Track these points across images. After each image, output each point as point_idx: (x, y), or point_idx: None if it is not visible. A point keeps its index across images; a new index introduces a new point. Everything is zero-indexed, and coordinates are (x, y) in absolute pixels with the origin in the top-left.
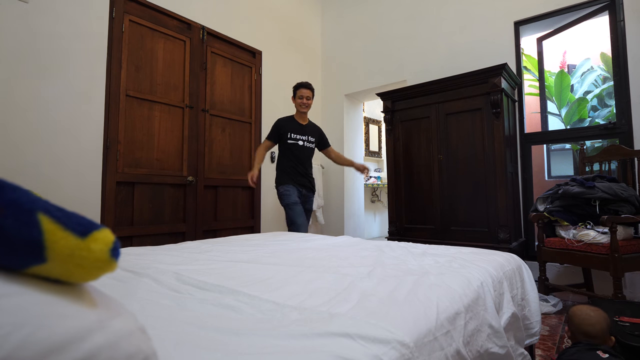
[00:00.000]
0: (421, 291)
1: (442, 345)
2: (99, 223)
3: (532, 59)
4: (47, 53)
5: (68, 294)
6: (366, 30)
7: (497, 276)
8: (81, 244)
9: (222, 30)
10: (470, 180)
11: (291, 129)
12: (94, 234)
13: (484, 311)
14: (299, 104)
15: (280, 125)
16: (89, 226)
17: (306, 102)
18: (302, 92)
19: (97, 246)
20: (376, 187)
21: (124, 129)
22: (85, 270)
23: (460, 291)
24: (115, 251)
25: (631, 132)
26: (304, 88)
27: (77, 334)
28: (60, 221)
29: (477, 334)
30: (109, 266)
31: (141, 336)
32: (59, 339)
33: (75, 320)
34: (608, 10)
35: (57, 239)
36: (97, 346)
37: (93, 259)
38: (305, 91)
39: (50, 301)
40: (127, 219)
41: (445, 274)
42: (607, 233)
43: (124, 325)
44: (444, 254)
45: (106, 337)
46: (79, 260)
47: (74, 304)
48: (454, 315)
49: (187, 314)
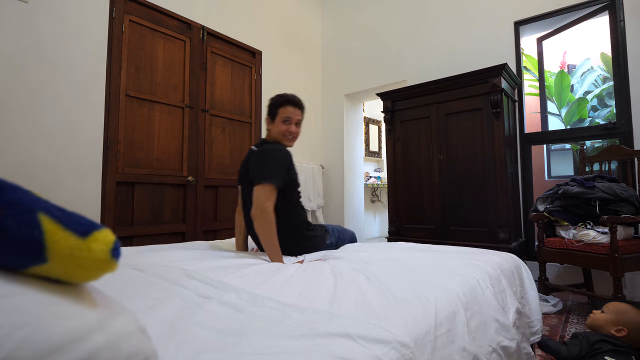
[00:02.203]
0: (420, 291)
1: (445, 344)
2: (99, 223)
3: (532, 59)
4: (47, 53)
5: (68, 294)
6: (366, 30)
7: (495, 274)
8: (82, 244)
9: (222, 30)
10: (470, 180)
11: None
12: (94, 234)
13: (487, 307)
14: (283, 132)
15: (291, 158)
16: (90, 226)
17: (294, 131)
18: (288, 111)
19: (98, 246)
20: (376, 187)
21: (124, 129)
22: (85, 270)
23: (458, 290)
24: (116, 251)
25: (631, 132)
26: (291, 106)
27: (78, 334)
28: (61, 221)
29: (485, 330)
30: (110, 266)
31: (141, 336)
32: (59, 339)
33: (75, 320)
34: (608, 10)
35: (58, 239)
36: (97, 346)
37: (93, 259)
38: (293, 111)
39: (50, 301)
40: (127, 219)
41: (443, 273)
42: (607, 233)
43: (124, 325)
44: (443, 253)
45: (106, 337)
46: (79, 260)
47: (74, 304)
48: (453, 313)
49: (192, 312)
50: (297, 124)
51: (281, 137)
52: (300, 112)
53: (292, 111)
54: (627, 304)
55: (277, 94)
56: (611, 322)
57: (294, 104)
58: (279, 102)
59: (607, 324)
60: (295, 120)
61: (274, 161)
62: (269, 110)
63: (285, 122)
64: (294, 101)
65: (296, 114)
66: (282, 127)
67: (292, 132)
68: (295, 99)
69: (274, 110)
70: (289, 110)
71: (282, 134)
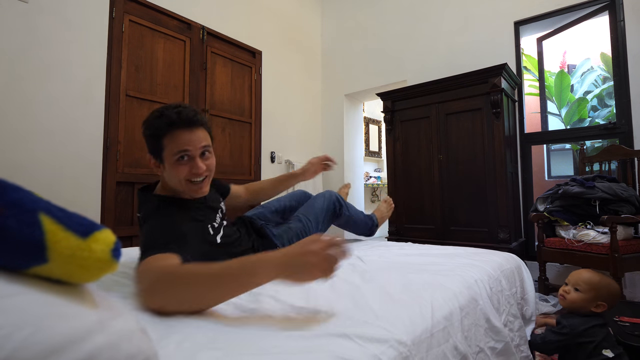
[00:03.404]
0: (417, 290)
1: (440, 342)
2: (99, 223)
3: (532, 59)
4: (47, 53)
5: (69, 295)
6: (366, 30)
7: (495, 275)
8: (82, 244)
9: (222, 30)
10: (470, 180)
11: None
12: (95, 234)
13: (481, 308)
14: (183, 177)
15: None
16: (90, 227)
17: (201, 168)
18: (180, 140)
19: (99, 246)
20: (376, 187)
21: (124, 129)
22: (86, 270)
23: (456, 289)
24: (117, 252)
25: (631, 132)
26: (182, 129)
27: (78, 335)
28: (62, 222)
29: (476, 329)
30: (110, 267)
31: (142, 336)
32: (60, 339)
33: (76, 320)
34: (608, 10)
35: (59, 240)
36: (97, 346)
37: (94, 259)
38: (189, 136)
39: (51, 302)
40: (127, 219)
41: (441, 273)
42: (607, 233)
43: (124, 326)
44: (442, 254)
45: (107, 337)
46: (80, 260)
47: (75, 304)
48: (449, 313)
49: None
50: (204, 153)
51: (182, 185)
52: (204, 131)
53: (186, 138)
54: (593, 273)
55: (151, 114)
56: (590, 300)
57: (186, 124)
58: (158, 128)
59: (587, 303)
60: (199, 148)
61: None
62: (147, 146)
63: (181, 159)
64: (185, 118)
65: (196, 138)
66: (178, 170)
67: (198, 172)
68: (185, 114)
69: (155, 144)
70: (181, 138)
71: (181, 182)
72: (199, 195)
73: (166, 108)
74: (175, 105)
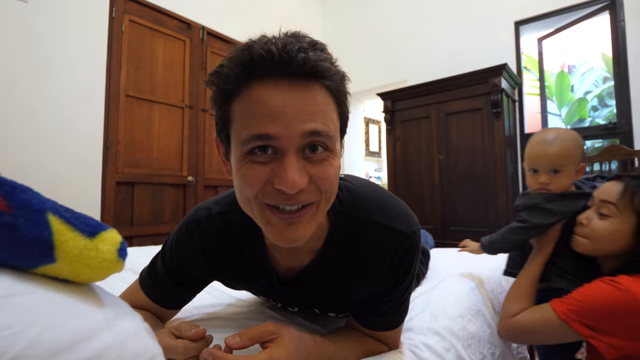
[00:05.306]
0: (417, 293)
1: (447, 348)
2: (106, 224)
3: (532, 59)
4: (47, 53)
5: (76, 294)
6: (366, 30)
7: (495, 275)
8: (89, 244)
9: (222, 30)
10: (470, 181)
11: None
12: (101, 234)
13: (483, 313)
14: (255, 201)
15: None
16: (97, 227)
17: (290, 184)
18: (261, 104)
19: (105, 246)
20: None
21: (123, 129)
22: (93, 270)
23: (456, 294)
24: (123, 251)
25: (631, 132)
26: (269, 82)
27: (86, 333)
28: (69, 222)
29: (478, 336)
30: (117, 266)
31: (147, 335)
32: (68, 337)
33: (83, 319)
34: (608, 10)
35: (67, 239)
36: (105, 345)
37: (101, 259)
38: (283, 100)
39: (59, 300)
40: (127, 219)
41: (441, 275)
42: None
43: (131, 325)
44: (440, 256)
45: (114, 336)
46: (87, 260)
47: (82, 303)
48: (449, 319)
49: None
50: (315, 147)
51: (253, 211)
52: (327, 96)
53: (273, 103)
54: (560, 140)
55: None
56: (575, 172)
57: (282, 70)
58: (226, 77)
59: (573, 177)
60: (301, 134)
61: None
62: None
63: (253, 153)
64: (281, 58)
65: (297, 109)
66: (245, 175)
67: (286, 184)
68: (286, 48)
69: (220, 113)
70: (260, 105)
71: (250, 202)
72: (285, 242)
73: (261, 38)
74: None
